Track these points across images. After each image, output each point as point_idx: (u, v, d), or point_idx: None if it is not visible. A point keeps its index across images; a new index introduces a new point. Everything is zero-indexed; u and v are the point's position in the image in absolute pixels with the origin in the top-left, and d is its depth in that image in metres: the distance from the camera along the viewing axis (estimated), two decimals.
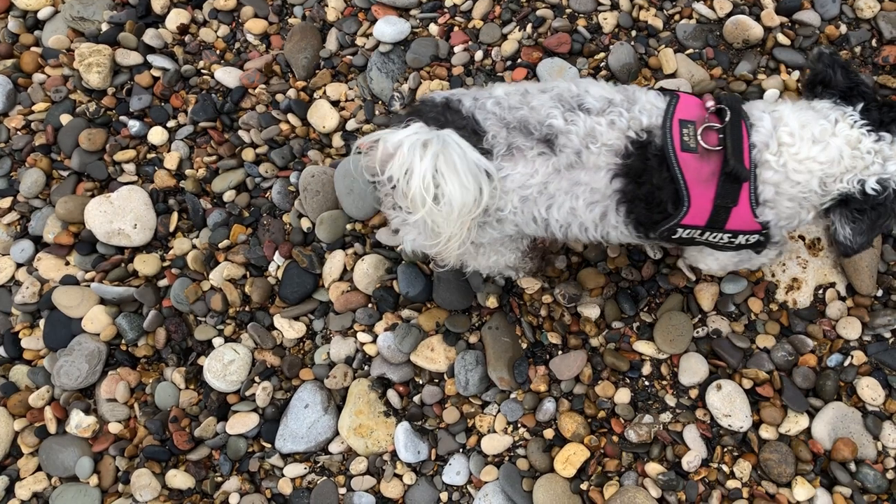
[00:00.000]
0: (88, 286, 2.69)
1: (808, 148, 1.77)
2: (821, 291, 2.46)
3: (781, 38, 2.72)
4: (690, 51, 2.76)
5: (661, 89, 1.92)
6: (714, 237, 1.87)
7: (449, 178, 1.65)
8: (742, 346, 2.41)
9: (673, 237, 1.87)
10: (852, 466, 2.28)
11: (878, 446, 2.31)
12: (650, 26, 2.79)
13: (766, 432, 2.33)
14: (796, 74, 2.68)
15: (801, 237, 2.48)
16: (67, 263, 2.76)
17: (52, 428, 2.56)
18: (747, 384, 2.38)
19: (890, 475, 2.27)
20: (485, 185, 1.70)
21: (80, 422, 2.54)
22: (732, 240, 1.87)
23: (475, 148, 1.71)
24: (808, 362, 2.39)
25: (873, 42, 2.73)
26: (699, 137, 1.77)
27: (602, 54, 2.76)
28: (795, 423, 2.32)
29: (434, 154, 1.63)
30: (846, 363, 2.39)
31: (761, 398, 2.37)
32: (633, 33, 2.80)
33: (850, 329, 2.39)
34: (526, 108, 1.80)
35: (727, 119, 1.79)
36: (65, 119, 2.91)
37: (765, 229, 1.85)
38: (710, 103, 1.84)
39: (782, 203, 1.82)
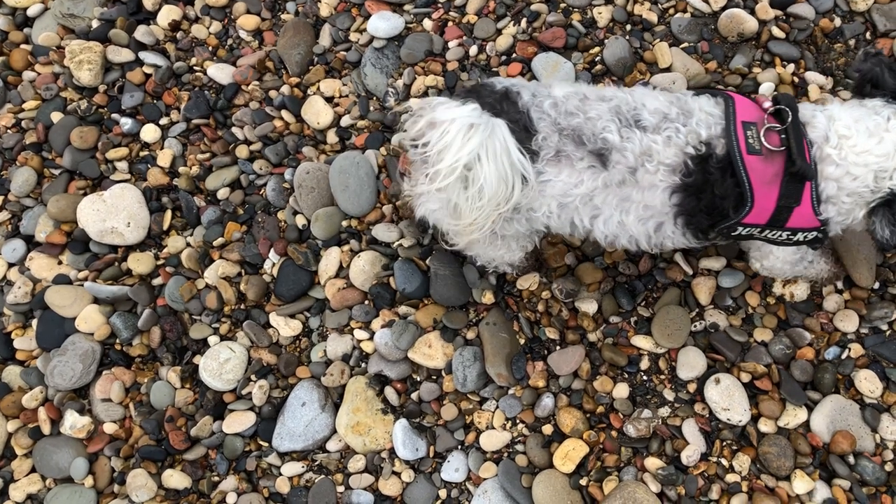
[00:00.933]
0: (82, 285, 2.66)
1: (864, 140, 1.77)
2: (817, 284, 2.45)
3: (776, 32, 2.72)
4: (685, 45, 2.75)
5: (710, 91, 1.90)
6: (773, 234, 1.87)
7: (487, 168, 1.64)
8: (740, 340, 2.41)
9: (732, 234, 1.87)
10: (851, 459, 2.28)
11: (877, 438, 2.31)
12: (645, 20, 2.79)
13: (765, 426, 2.33)
14: (791, 67, 2.68)
15: None
16: (60, 263, 2.74)
17: (46, 429, 2.53)
18: (745, 378, 2.37)
19: (888, 467, 2.28)
20: (517, 186, 1.69)
21: (74, 422, 2.51)
22: (791, 237, 1.87)
23: (522, 146, 1.70)
24: (806, 355, 2.39)
25: (867, 35, 2.73)
26: (762, 139, 1.76)
27: (597, 49, 2.75)
28: (794, 417, 2.32)
29: (479, 140, 1.62)
30: (844, 356, 2.38)
31: (760, 392, 2.36)
32: (628, 27, 2.79)
33: (848, 322, 2.39)
34: (582, 117, 1.78)
35: (789, 119, 1.77)
36: (56, 117, 2.88)
37: (823, 226, 1.85)
38: (768, 104, 1.82)
39: (842, 199, 1.82)
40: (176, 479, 2.45)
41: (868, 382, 2.34)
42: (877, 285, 2.43)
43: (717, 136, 1.78)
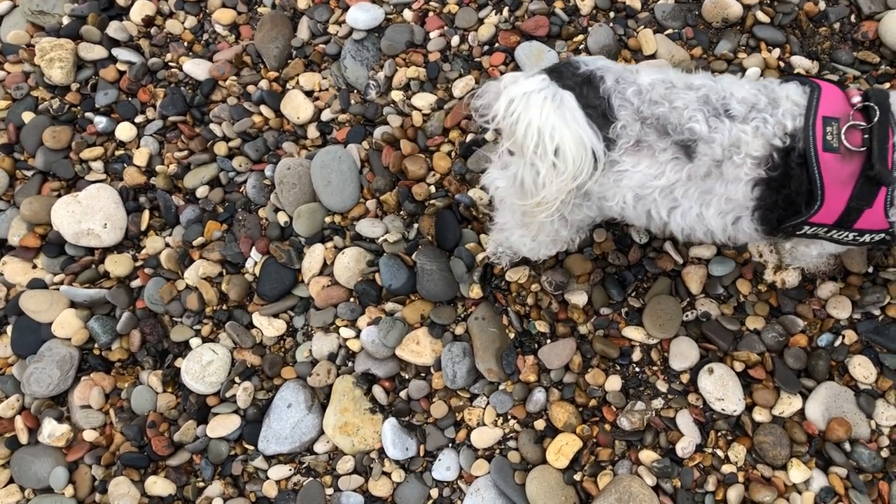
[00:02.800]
0: (57, 289, 2.59)
1: None
2: (819, 276, 2.41)
3: (761, 16, 2.68)
4: (670, 31, 2.72)
5: (799, 77, 1.82)
6: (839, 235, 1.80)
7: (563, 134, 1.59)
8: (732, 329, 2.37)
9: (797, 233, 1.81)
10: (847, 446, 2.25)
11: (872, 425, 2.28)
12: (628, 7, 2.75)
13: (760, 415, 2.30)
14: (777, 52, 2.65)
15: None
16: (34, 266, 2.66)
17: (23, 438, 2.46)
18: (739, 367, 2.34)
19: (885, 453, 2.25)
20: (590, 160, 1.63)
21: (52, 430, 2.44)
22: (857, 238, 1.80)
23: (599, 133, 1.65)
24: (799, 343, 2.36)
25: (852, 18, 2.71)
26: (843, 137, 1.67)
27: (581, 37, 2.71)
28: (789, 405, 2.29)
29: (551, 109, 1.58)
30: (837, 342, 2.36)
31: (753, 380, 2.33)
32: (612, 14, 2.75)
33: (841, 308, 2.36)
34: (667, 106, 1.70)
35: (876, 119, 1.67)
36: (27, 117, 2.81)
37: (891, 228, 1.77)
38: (857, 99, 1.72)
39: None
40: (160, 485, 2.38)
41: (862, 368, 2.31)
42: (870, 269, 2.40)
43: (801, 128, 1.70)
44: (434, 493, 2.36)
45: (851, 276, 2.40)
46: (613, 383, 2.36)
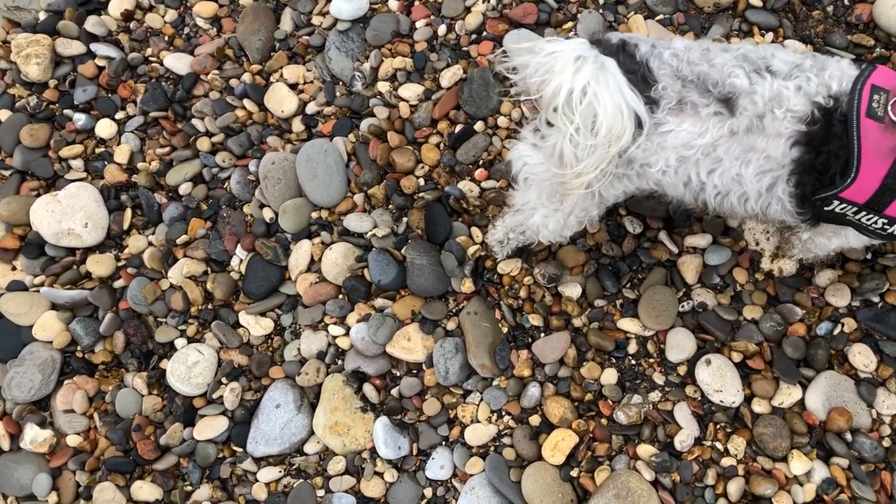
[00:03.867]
0: (38, 291, 2.52)
1: None
2: (816, 264, 2.37)
3: (753, 0, 2.63)
4: (661, 16, 2.66)
5: (855, 60, 1.77)
6: (868, 219, 1.72)
7: (602, 98, 1.53)
8: (729, 319, 2.33)
9: (826, 209, 1.74)
10: (848, 436, 2.21)
11: (873, 414, 2.24)
12: None
13: (759, 406, 2.25)
14: (770, 36, 2.60)
15: None
16: (14, 268, 2.59)
17: (4, 444, 2.40)
18: (737, 357, 2.29)
19: (886, 443, 2.21)
20: (631, 124, 1.58)
21: (35, 436, 2.38)
22: (887, 227, 1.73)
23: (640, 95, 1.60)
24: (798, 332, 2.31)
25: (845, 0, 2.66)
26: (889, 108, 1.61)
27: (570, 24, 2.66)
28: (788, 395, 2.25)
29: (590, 72, 1.52)
30: (836, 331, 2.31)
31: (752, 371, 2.29)
32: (601, 1, 2.69)
33: (840, 296, 2.32)
34: (706, 65, 1.67)
35: None
36: (4, 115, 2.73)
37: None
38: None
39: None
40: (146, 490, 2.32)
41: (862, 356, 2.27)
42: (868, 256, 2.36)
43: (846, 92, 1.64)
44: (428, 492, 2.30)
45: (850, 262, 2.35)
46: (609, 377, 2.31)
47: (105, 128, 2.71)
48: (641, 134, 1.64)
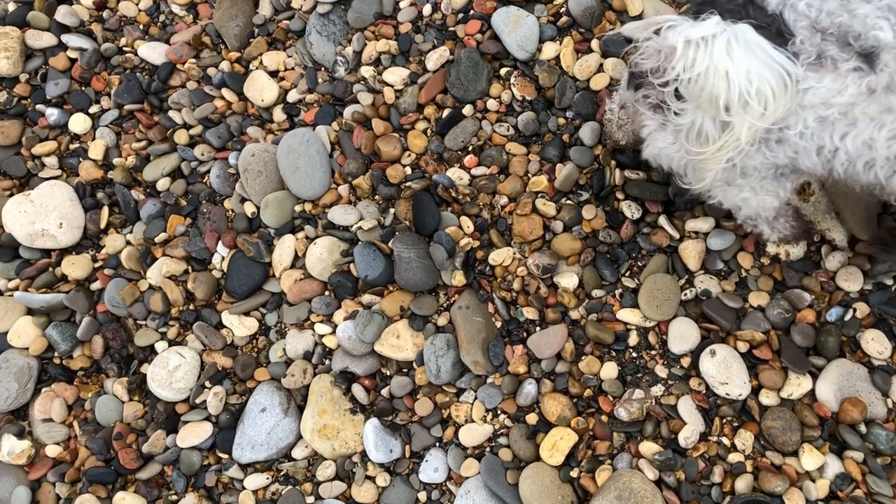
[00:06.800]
0: (12, 296, 2.42)
1: None
2: (816, 238, 2.26)
3: None
4: None
5: None
6: None
7: (762, 73, 1.47)
8: (734, 306, 2.21)
9: None
10: (862, 428, 2.10)
11: (889, 403, 2.12)
12: None
13: (768, 398, 2.14)
14: None
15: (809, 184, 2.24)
16: None
17: None
18: (743, 347, 2.18)
19: None
20: (790, 92, 1.50)
21: (12, 448, 2.29)
22: None
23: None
24: (807, 318, 2.19)
25: None
26: None
27: (561, 0, 2.52)
28: (798, 386, 2.13)
29: (740, 51, 1.45)
30: (848, 316, 2.19)
31: (759, 361, 2.17)
32: None
33: (852, 280, 2.19)
34: (846, 15, 1.55)
35: None
36: None
37: None
38: None
39: None
40: (129, 501, 2.24)
41: (876, 343, 2.15)
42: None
43: None
44: (422, 496, 2.21)
45: (860, 243, 2.23)
46: (609, 371, 2.20)
47: (79, 122, 2.60)
48: (789, 93, 1.55)
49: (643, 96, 1.72)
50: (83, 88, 2.66)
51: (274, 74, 2.60)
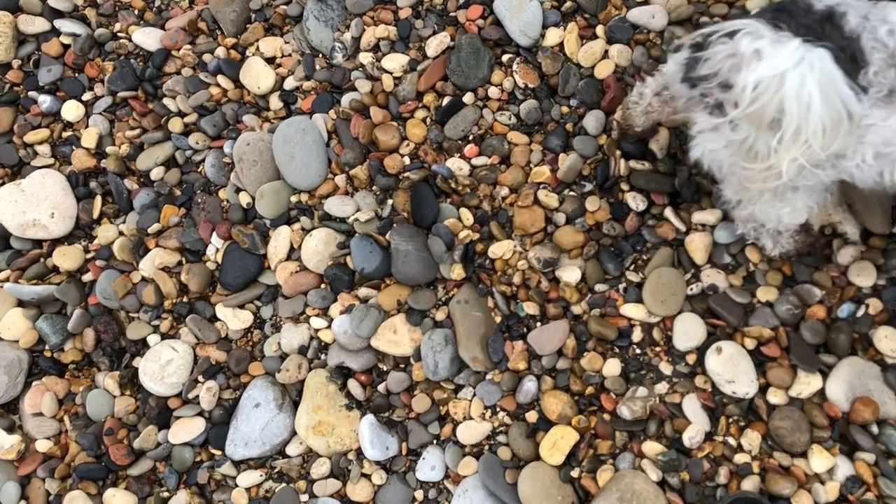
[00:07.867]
0: (2, 287, 2.38)
1: None
2: (827, 232, 2.18)
3: None
4: None
5: None
6: None
7: (822, 111, 1.37)
8: (742, 302, 2.14)
9: None
10: (874, 428, 2.03)
11: None
12: None
13: (775, 397, 2.07)
14: None
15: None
16: None
17: None
18: (750, 344, 2.11)
19: None
20: (835, 124, 1.42)
21: (2, 443, 2.26)
22: None
23: (849, 79, 1.42)
24: (817, 314, 2.12)
25: None
26: None
27: None
28: (807, 385, 2.07)
29: (811, 88, 1.36)
30: (860, 313, 2.12)
31: (767, 359, 2.11)
32: None
33: (865, 275, 2.12)
34: None
35: None
36: None
37: None
38: None
39: None
40: (119, 498, 2.20)
41: (889, 340, 2.08)
42: (894, 230, 2.16)
43: None
44: (419, 495, 2.16)
45: (873, 237, 2.15)
46: (612, 368, 2.14)
47: (72, 110, 2.55)
48: (850, 132, 1.46)
49: (701, 95, 1.62)
50: (76, 75, 2.61)
51: (271, 61, 2.54)
